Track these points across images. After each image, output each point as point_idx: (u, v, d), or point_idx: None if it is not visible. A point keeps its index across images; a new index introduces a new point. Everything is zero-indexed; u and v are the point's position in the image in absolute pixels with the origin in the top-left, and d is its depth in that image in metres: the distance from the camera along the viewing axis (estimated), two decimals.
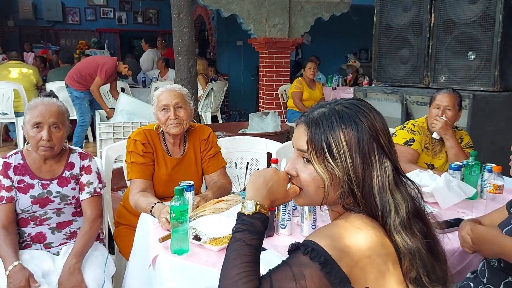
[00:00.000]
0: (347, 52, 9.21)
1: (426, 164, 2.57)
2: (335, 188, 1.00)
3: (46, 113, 1.85)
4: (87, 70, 5.27)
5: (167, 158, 2.15)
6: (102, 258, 1.96)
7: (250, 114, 4.99)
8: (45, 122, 1.84)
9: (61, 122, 1.90)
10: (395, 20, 3.96)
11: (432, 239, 1.04)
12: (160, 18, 11.90)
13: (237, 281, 0.94)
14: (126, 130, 4.44)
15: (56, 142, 1.88)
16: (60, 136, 1.89)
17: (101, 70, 5.19)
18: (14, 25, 10.96)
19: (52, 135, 1.85)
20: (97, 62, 5.36)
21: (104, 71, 5.19)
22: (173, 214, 1.48)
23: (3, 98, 5.89)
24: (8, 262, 1.73)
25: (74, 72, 5.38)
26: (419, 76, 3.77)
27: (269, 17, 6.22)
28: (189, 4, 3.86)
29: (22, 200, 1.89)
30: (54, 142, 1.87)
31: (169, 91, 2.11)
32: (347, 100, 1.06)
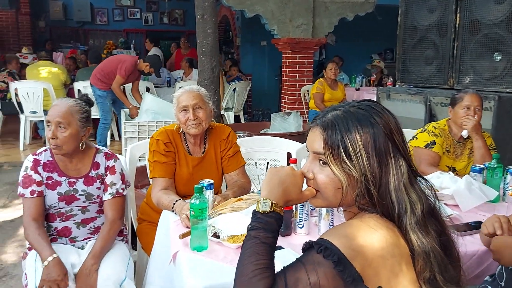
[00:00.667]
0: (372, 52, 9.12)
1: (447, 167, 2.54)
2: (352, 188, 1.02)
3: (55, 113, 1.90)
4: (109, 69, 5.39)
5: (188, 157, 2.19)
6: (124, 255, 2.01)
7: (272, 114, 5.01)
8: (52, 121, 1.90)
9: (67, 123, 1.90)
10: (420, 21, 3.92)
11: (446, 238, 1.05)
12: (186, 19, 12.04)
13: (252, 278, 0.96)
14: (150, 129, 4.53)
15: (61, 142, 1.89)
16: (66, 136, 1.90)
17: (120, 68, 5.29)
18: (45, 25, 11.29)
19: (57, 134, 1.88)
20: (117, 60, 5.47)
21: (123, 68, 5.28)
22: (193, 212, 1.52)
23: (33, 96, 6.09)
24: (45, 253, 1.80)
25: (97, 71, 5.51)
26: (444, 77, 3.72)
27: (293, 17, 6.22)
28: (213, 6, 3.91)
29: (50, 197, 1.96)
30: (59, 141, 1.89)
31: (188, 92, 2.15)
32: (360, 102, 1.08)
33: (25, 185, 1.94)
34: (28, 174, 1.94)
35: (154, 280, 1.84)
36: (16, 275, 2.87)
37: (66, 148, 1.92)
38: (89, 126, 2.01)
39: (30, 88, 6.10)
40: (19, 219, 3.82)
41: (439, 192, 2.03)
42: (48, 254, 1.80)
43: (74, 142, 1.93)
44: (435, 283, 1.00)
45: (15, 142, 6.53)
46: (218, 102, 4.04)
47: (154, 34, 11.98)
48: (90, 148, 2.06)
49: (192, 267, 1.44)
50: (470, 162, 2.52)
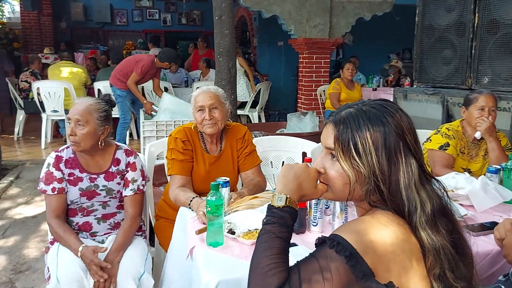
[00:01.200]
0: (390, 52, 9.06)
1: (462, 169, 2.52)
2: (360, 184, 1.04)
3: (74, 111, 1.98)
4: (128, 68, 5.49)
5: (205, 155, 2.24)
6: (143, 251, 2.06)
7: (288, 114, 5.03)
8: (72, 119, 1.98)
9: (85, 120, 1.96)
10: (437, 21, 3.89)
11: (458, 236, 1.06)
12: (204, 19, 12.14)
13: (267, 271, 0.99)
14: (168, 128, 4.60)
15: (79, 139, 1.96)
16: (84, 133, 1.96)
17: (137, 66, 5.39)
18: (66, 26, 11.52)
19: (76, 131, 1.96)
20: (135, 59, 5.59)
21: (140, 66, 5.37)
22: (209, 208, 1.56)
23: (54, 96, 6.23)
24: (75, 246, 1.89)
25: (116, 71, 5.62)
26: (462, 77, 3.69)
27: (310, 17, 6.23)
28: (231, 7, 3.95)
29: (72, 192, 2.02)
30: (77, 138, 1.96)
31: (205, 92, 2.19)
32: (374, 101, 1.11)
33: (47, 181, 2.00)
34: (50, 171, 2.01)
35: (171, 275, 1.89)
36: (38, 269, 2.96)
37: (84, 145, 1.98)
38: (108, 125, 2.06)
39: (52, 87, 6.24)
40: (41, 215, 3.93)
41: (454, 192, 2.04)
42: (77, 247, 1.88)
43: (91, 139, 1.99)
44: (445, 279, 1.02)
45: (36, 140, 6.69)
46: (234, 102, 4.08)
47: (172, 34, 12.14)
48: (110, 145, 2.12)
49: (207, 262, 1.48)
50: (486, 163, 2.49)
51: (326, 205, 1.90)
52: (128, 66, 5.53)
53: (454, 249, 1.04)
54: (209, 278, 1.37)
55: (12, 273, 2.91)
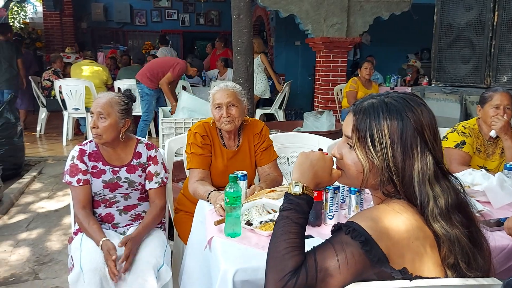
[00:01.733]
0: (408, 52, 9.00)
1: (479, 167, 2.51)
2: (373, 175, 1.08)
3: (96, 104, 2.06)
4: (161, 69, 5.62)
5: (224, 150, 2.29)
6: (162, 243, 2.12)
7: (305, 113, 5.05)
8: (94, 112, 2.06)
9: (107, 113, 2.03)
10: (456, 19, 3.88)
11: (474, 230, 1.07)
12: (222, 19, 12.23)
13: (284, 254, 1.03)
14: (186, 126, 4.67)
15: (101, 131, 2.03)
16: (106, 126, 2.03)
17: (174, 68, 5.55)
18: (87, 26, 11.73)
19: (98, 124, 2.03)
20: (171, 61, 5.74)
21: (177, 69, 5.57)
22: (227, 200, 1.61)
23: (75, 94, 6.37)
24: (97, 238, 1.96)
25: (147, 70, 5.72)
26: (480, 76, 3.66)
27: (327, 17, 6.24)
28: (249, 6, 4.00)
29: (95, 184, 2.10)
30: (99, 131, 2.03)
31: (223, 90, 2.24)
32: (397, 94, 1.12)
33: (72, 173, 2.08)
34: (75, 164, 2.08)
35: (191, 265, 1.94)
36: (60, 261, 3.05)
37: (106, 137, 2.05)
38: (128, 118, 2.13)
39: (73, 86, 6.38)
40: (62, 209, 4.04)
41: (470, 189, 2.04)
42: (99, 239, 1.95)
43: (113, 132, 2.06)
44: (459, 269, 1.04)
45: (58, 137, 6.85)
46: (252, 99, 4.13)
47: (190, 34, 12.25)
48: (131, 139, 2.20)
49: (225, 252, 1.52)
50: (502, 162, 2.48)
51: (342, 200, 1.92)
52: (161, 67, 5.65)
53: (471, 242, 1.05)
54: (227, 267, 1.41)
55: (36, 264, 3.01)
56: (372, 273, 0.98)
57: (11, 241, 3.37)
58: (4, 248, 3.25)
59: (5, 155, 4.63)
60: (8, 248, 3.25)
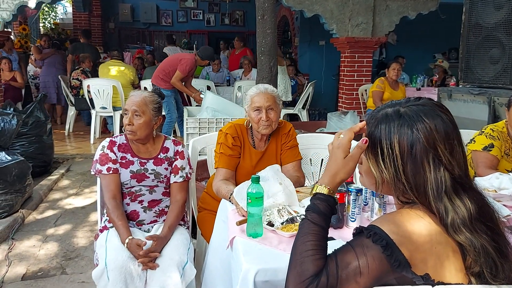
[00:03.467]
0: (435, 51, 8.83)
1: (507, 171, 2.45)
2: (385, 186, 1.08)
3: (131, 102, 2.14)
4: (170, 67, 5.65)
5: (253, 151, 2.33)
6: (186, 241, 2.15)
7: (328, 114, 5.03)
8: (129, 110, 2.13)
9: (142, 111, 2.12)
10: (485, 19, 3.80)
11: (501, 240, 1.05)
12: (246, 19, 12.27)
13: (306, 257, 1.04)
14: (210, 126, 4.71)
15: (136, 128, 2.12)
16: (141, 123, 2.11)
17: (181, 65, 5.55)
18: (114, 26, 11.96)
19: (133, 121, 2.11)
20: (177, 58, 5.73)
21: (184, 65, 5.54)
22: (249, 200, 1.62)
23: (103, 93, 6.50)
24: (124, 236, 2.01)
25: (159, 71, 5.77)
26: (510, 77, 3.58)
27: (353, 16, 6.19)
28: (273, 6, 4.00)
29: (123, 174, 2.17)
30: (134, 128, 2.12)
31: (263, 93, 2.25)
32: (416, 103, 1.09)
33: (102, 162, 2.15)
34: (105, 153, 2.17)
35: (213, 264, 1.96)
36: (86, 256, 3.13)
37: (140, 134, 2.13)
38: (160, 116, 2.23)
39: (101, 85, 6.51)
40: (89, 206, 4.14)
41: (497, 193, 2.00)
42: (125, 238, 2.00)
43: (146, 129, 2.15)
44: (483, 277, 1.02)
45: (86, 136, 7.01)
46: None
47: (215, 35, 12.34)
48: (159, 135, 2.30)
49: (247, 252, 1.53)
50: None
51: (365, 202, 1.91)
52: (170, 65, 5.67)
53: (498, 252, 1.03)
54: (249, 266, 1.42)
55: (63, 260, 3.09)
56: (392, 278, 0.98)
57: (40, 236, 3.47)
58: (33, 243, 3.35)
59: (35, 153, 4.76)
60: (37, 243, 3.35)
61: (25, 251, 3.20)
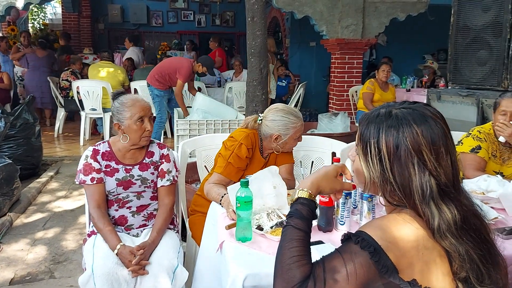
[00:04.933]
0: (424, 52, 8.89)
1: (494, 172, 2.47)
2: (374, 186, 1.09)
3: (145, 107, 2.14)
4: (167, 71, 5.63)
5: (260, 159, 2.34)
6: (175, 244, 2.14)
7: (319, 115, 5.03)
8: (146, 115, 2.12)
9: (152, 113, 2.20)
10: (473, 21, 3.82)
11: (487, 245, 1.05)
12: (237, 20, 12.26)
13: (291, 264, 1.04)
14: (201, 127, 4.70)
15: (152, 131, 2.17)
16: (153, 125, 2.20)
17: (180, 73, 5.52)
18: (104, 27, 11.88)
19: (152, 126, 2.15)
20: (175, 65, 5.68)
21: (182, 73, 5.52)
22: (239, 204, 1.62)
23: (93, 95, 6.45)
24: (113, 243, 1.99)
25: (155, 72, 5.74)
26: (498, 78, 3.60)
27: (342, 18, 6.21)
28: (263, 8, 4.00)
29: (109, 183, 2.14)
30: (152, 131, 2.16)
31: (301, 126, 2.28)
32: (407, 107, 1.09)
33: (86, 172, 2.12)
34: (88, 162, 2.13)
35: (202, 268, 1.95)
36: (75, 260, 3.10)
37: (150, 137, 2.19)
38: None
39: (91, 86, 6.47)
40: (78, 209, 4.10)
41: (485, 195, 2.02)
42: (115, 244, 1.98)
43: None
44: (470, 282, 1.02)
45: (75, 138, 6.96)
46: (266, 102, 4.13)
47: (206, 35, 12.31)
48: None
49: (236, 256, 1.53)
50: None
51: (354, 205, 1.92)
52: (168, 68, 5.64)
53: (485, 258, 1.03)
54: (237, 272, 1.42)
55: (52, 263, 3.06)
56: (380, 284, 0.98)
57: (28, 240, 3.43)
58: (21, 246, 3.32)
59: (23, 155, 4.72)
60: (25, 246, 3.32)
61: (13, 255, 3.17)
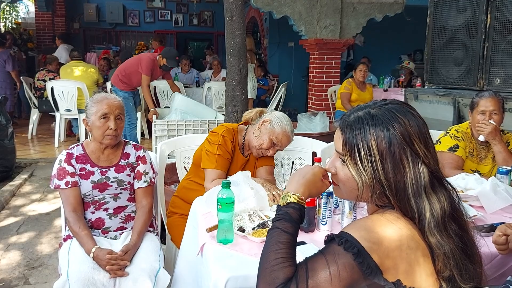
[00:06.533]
0: (401, 53, 9.03)
1: (472, 171, 2.51)
2: (366, 190, 1.07)
3: (113, 106, 2.07)
4: (130, 69, 5.43)
5: (240, 157, 2.34)
6: (156, 246, 2.10)
7: (298, 115, 5.04)
8: (112, 114, 2.06)
9: (123, 114, 2.13)
10: (449, 21, 3.89)
11: (467, 241, 1.06)
12: (215, 20, 12.19)
13: (275, 265, 1.02)
14: (179, 128, 4.65)
15: (119, 132, 2.10)
16: (122, 126, 2.12)
17: (141, 66, 5.32)
18: (79, 27, 11.65)
19: (117, 125, 2.07)
20: (135, 61, 5.47)
21: (143, 66, 5.30)
22: (220, 206, 1.59)
23: (67, 95, 6.31)
24: (89, 246, 1.93)
25: (119, 71, 5.55)
26: (473, 78, 3.67)
27: (321, 18, 6.24)
28: (242, 8, 3.97)
29: (84, 186, 2.08)
30: (118, 132, 2.09)
31: (288, 137, 2.26)
32: (384, 103, 1.10)
33: (60, 176, 2.06)
34: (62, 167, 2.08)
35: (183, 271, 1.91)
36: (50, 265, 3.01)
37: (118, 138, 2.12)
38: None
39: (65, 87, 6.31)
40: (53, 212, 4.00)
41: (464, 193, 2.04)
42: (90, 247, 1.92)
43: (122, 132, 2.14)
44: (454, 280, 1.03)
45: (50, 139, 6.79)
46: (245, 102, 4.10)
47: (184, 35, 12.22)
48: (120, 141, 2.22)
49: (217, 259, 1.50)
50: (495, 166, 2.48)
51: (335, 205, 1.91)
52: (131, 67, 5.45)
53: (464, 251, 1.04)
54: (219, 275, 1.39)
55: (26, 269, 2.97)
56: (365, 285, 0.97)
57: (1, 245, 3.32)
58: None
59: None
60: None
61: None
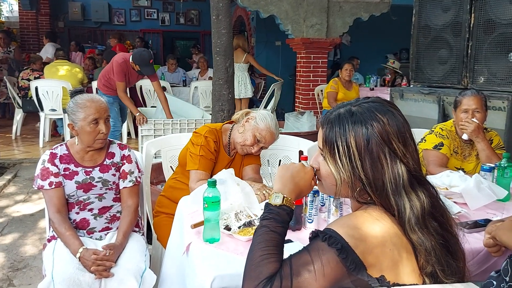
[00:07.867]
0: (387, 52, 9.09)
1: (456, 168, 2.53)
2: (345, 186, 1.08)
3: (100, 109, 2.04)
4: (109, 74, 4.96)
5: (225, 156, 2.34)
6: (142, 248, 2.08)
7: (286, 114, 5.06)
8: (101, 117, 2.04)
9: (109, 114, 2.11)
10: (434, 21, 3.92)
11: (450, 237, 1.08)
12: (201, 19, 12.15)
13: (260, 261, 1.02)
14: (166, 127, 4.61)
15: (107, 135, 2.08)
16: (109, 127, 2.10)
17: (114, 72, 4.82)
18: (64, 26, 11.51)
19: (105, 128, 2.05)
20: (111, 64, 4.95)
21: (115, 71, 4.80)
22: (206, 205, 1.58)
23: (52, 95, 6.23)
24: (75, 247, 1.90)
25: (102, 75, 5.11)
26: (458, 77, 3.71)
27: (307, 17, 6.26)
28: (228, 6, 3.96)
29: (68, 186, 2.06)
30: (107, 134, 2.07)
31: (272, 134, 2.23)
32: (366, 101, 1.11)
33: (43, 177, 2.03)
34: (46, 167, 2.04)
35: (169, 271, 1.90)
36: (35, 266, 2.97)
37: (106, 139, 2.10)
38: None
39: (50, 86, 6.23)
40: (38, 213, 3.94)
41: (448, 190, 2.06)
42: (77, 248, 1.90)
43: (109, 132, 2.12)
44: (436, 276, 1.04)
45: (35, 139, 6.70)
46: (232, 101, 4.09)
47: (170, 34, 12.14)
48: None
49: (204, 258, 1.49)
50: (479, 163, 2.51)
51: (321, 203, 1.91)
52: (109, 71, 4.97)
53: (445, 248, 1.05)
54: (205, 274, 1.39)
55: (10, 271, 2.92)
56: (349, 281, 0.97)
57: None
58: None
59: None
60: None
61: None
